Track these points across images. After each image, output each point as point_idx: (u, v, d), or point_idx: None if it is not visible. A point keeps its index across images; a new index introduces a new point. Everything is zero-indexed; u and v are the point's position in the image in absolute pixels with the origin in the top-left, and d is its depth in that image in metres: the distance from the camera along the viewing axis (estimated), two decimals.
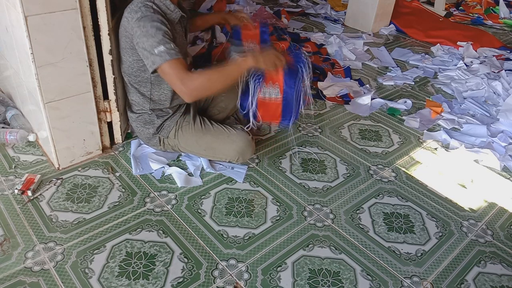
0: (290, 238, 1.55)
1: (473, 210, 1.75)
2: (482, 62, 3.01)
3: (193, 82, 1.47)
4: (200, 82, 1.48)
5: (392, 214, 1.69)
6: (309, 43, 3.06)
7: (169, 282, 1.35)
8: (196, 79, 1.48)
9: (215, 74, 1.51)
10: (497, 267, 1.50)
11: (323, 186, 1.81)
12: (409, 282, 1.41)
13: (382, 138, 2.17)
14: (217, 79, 1.51)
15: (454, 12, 4.15)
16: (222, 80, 1.52)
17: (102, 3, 1.55)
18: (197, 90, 1.49)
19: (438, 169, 1.97)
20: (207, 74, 1.50)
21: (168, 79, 1.52)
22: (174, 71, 1.46)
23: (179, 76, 1.46)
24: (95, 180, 1.73)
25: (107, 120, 1.84)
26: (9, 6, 1.49)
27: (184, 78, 1.46)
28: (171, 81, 1.51)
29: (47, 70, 1.53)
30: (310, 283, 1.38)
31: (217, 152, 1.78)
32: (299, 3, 4.17)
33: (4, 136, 1.83)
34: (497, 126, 2.28)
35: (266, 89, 1.56)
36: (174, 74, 1.47)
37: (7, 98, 2.07)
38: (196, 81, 1.48)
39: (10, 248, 1.41)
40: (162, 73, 1.51)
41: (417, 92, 2.66)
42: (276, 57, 1.54)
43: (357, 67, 2.92)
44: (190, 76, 1.47)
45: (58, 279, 1.32)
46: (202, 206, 1.65)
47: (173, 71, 1.46)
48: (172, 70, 1.47)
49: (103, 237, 1.48)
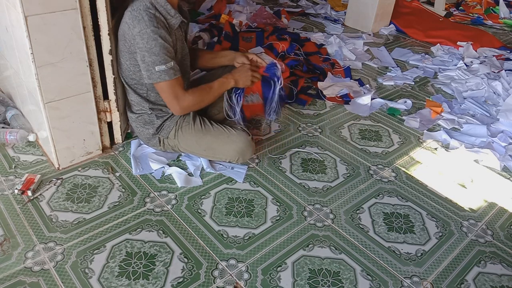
0: (290, 238, 1.55)
1: (473, 210, 1.75)
2: (482, 62, 3.01)
3: (185, 102, 1.64)
4: (191, 100, 1.65)
5: (392, 214, 1.69)
6: (309, 43, 3.06)
7: (169, 282, 1.35)
8: (188, 99, 1.64)
9: (204, 93, 1.69)
10: (497, 267, 1.50)
11: (323, 186, 1.81)
12: (409, 282, 1.42)
13: (382, 138, 2.17)
14: (205, 97, 1.70)
15: (454, 12, 4.15)
16: (209, 98, 1.72)
17: (102, 3, 1.55)
18: (188, 107, 1.67)
19: (438, 169, 1.97)
20: (197, 94, 1.67)
21: (163, 95, 1.64)
22: (170, 89, 1.60)
23: (174, 95, 1.61)
24: (95, 180, 1.73)
25: (107, 120, 1.84)
26: (9, 6, 1.49)
27: (179, 97, 1.62)
28: (166, 98, 1.64)
29: (47, 70, 1.53)
30: (310, 283, 1.38)
31: (217, 153, 1.78)
32: (299, 3, 4.17)
33: (4, 136, 1.83)
34: (497, 126, 2.28)
35: (248, 97, 1.82)
36: (170, 93, 1.61)
37: (7, 98, 2.07)
38: (189, 100, 1.65)
39: (10, 248, 1.41)
40: (158, 88, 1.62)
41: (417, 92, 2.66)
42: (252, 75, 1.77)
43: (357, 67, 2.92)
44: (184, 96, 1.63)
45: (58, 279, 1.32)
46: (202, 206, 1.65)
47: (170, 89, 1.60)
48: (168, 89, 1.60)
49: (103, 237, 1.48)
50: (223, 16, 3.38)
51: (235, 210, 1.65)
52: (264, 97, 1.81)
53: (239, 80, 1.75)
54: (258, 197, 1.72)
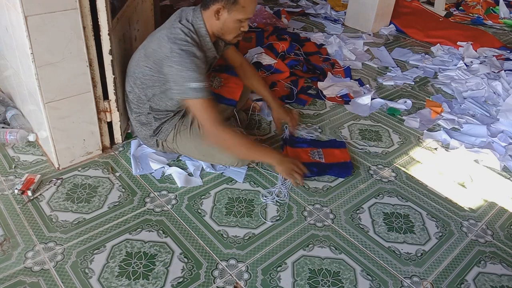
0: (290, 238, 1.55)
1: (473, 210, 1.75)
2: (482, 62, 3.01)
3: (223, 135, 1.58)
4: (229, 138, 1.59)
5: (392, 214, 1.69)
6: (309, 43, 3.06)
7: (169, 282, 1.35)
8: (228, 134, 1.59)
9: (244, 145, 1.63)
10: (497, 267, 1.50)
11: (323, 186, 1.81)
12: (409, 282, 1.42)
13: (382, 138, 2.17)
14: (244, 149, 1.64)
15: (454, 12, 4.15)
16: (244, 153, 1.67)
17: (102, 3, 1.55)
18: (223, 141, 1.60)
19: (438, 169, 1.97)
20: (239, 138, 1.62)
21: (197, 115, 1.59)
22: (206, 110, 1.55)
23: (210, 118, 1.55)
24: (95, 180, 1.73)
25: (107, 120, 1.84)
26: (9, 6, 1.49)
27: (217, 124, 1.56)
28: (201, 118, 1.59)
29: (47, 70, 1.53)
30: (310, 283, 1.38)
31: (216, 158, 1.79)
32: (299, 3, 4.17)
33: (4, 136, 1.83)
34: (497, 126, 2.28)
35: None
36: (206, 114, 1.55)
37: (7, 98, 2.07)
38: (227, 135, 1.59)
39: (10, 248, 1.41)
40: (191, 106, 1.57)
41: (417, 92, 2.66)
42: (296, 172, 1.66)
43: (357, 67, 2.92)
44: (224, 129, 1.58)
45: (58, 279, 1.32)
46: (202, 206, 1.65)
47: (205, 110, 1.55)
48: (204, 109, 1.55)
49: (103, 237, 1.48)
50: None
51: (235, 210, 1.65)
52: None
53: (283, 169, 1.66)
54: (258, 197, 1.72)
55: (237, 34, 1.63)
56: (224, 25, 1.59)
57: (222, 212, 1.63)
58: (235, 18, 1.56)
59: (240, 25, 1.59)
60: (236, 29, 1.60)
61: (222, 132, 1.58)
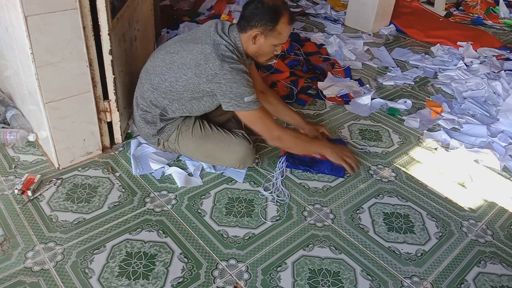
0: (290, 238, 1.55)
1: (473, 210, 1.75)
2: (482, 62, 3.01)
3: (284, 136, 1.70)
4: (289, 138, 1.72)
5: (392, 214, 1.69)
6: (309, 43, 3.06)
7: (169, 282, 1.35)
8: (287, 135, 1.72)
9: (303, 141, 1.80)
10: (497, 267, 1.50)
11: (323, 186, 1.81)
12: (409, 282, 1.42)
13: (382, 138, 2.17)
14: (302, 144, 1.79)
15: (454, 12, 4.15)
16: (303, 148, 1.82)
17: (102, 3, 1.55)
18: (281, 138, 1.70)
19: (438, 169, 1.97)
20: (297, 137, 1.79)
21: (256, 125, 1.68)
22: (264, 120, 1.66)
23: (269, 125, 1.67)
24: (95, 180, 1.73)
25: (107, 120, 1.84)
26: (9, 6, 1.49)
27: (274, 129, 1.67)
28: (260, 128, 1.68)
29: (47, 70, 1.53)
30: (310, 283, 1.38)
31: (217, 160, 1.79)
32: (299, 3, 4.17)
33: (4, 136, 1.83)
34: (497, 126, 2.28)
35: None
36: (264, 123, 1.66)
37: (7, 98, 2.07)
38: (287, 136, 1.72)
39: (10, 248, 1.41)
40: (247, 118, 1.66)
41: (417, 92, 2.66)
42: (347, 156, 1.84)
43: (357, 67, 2.92)
44: (282, 129, 1.71)
45: (58, 279, 1.32)
46: (202, 206, 1.65)
47: (263, 120, 1.65)
48: (262, 119, 1.65)
49: (103, 237, 1.48)
50: (223, 16, 3.38)
51: (235, 210, 1.65)
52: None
53: (336, 156, 1.81)
54: (258, 197, 1.72)
55: (270, 57, 1.71)
56: (260, 49, 1.65)
57: (222, 212, 1.63)
58: (271, 43, 1.63)
59: (275, 49, 1.66)
60: (270, 53, 1.68)
61: (283, 134, 1.70)
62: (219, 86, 1.57)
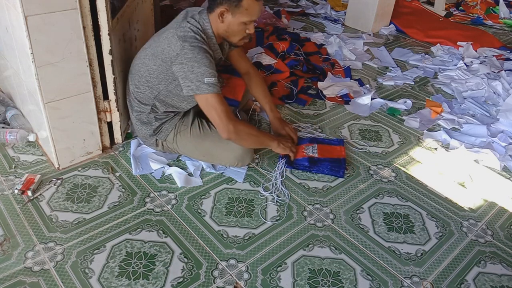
0: (290, 238, 1.55)
1: (473, 210, 1.75)
2: (482, 62, 3.01)
3: (238, 126, 1.62)
4: (242, 130, 1.65)
5: (392, 214, 1.69)
6: (309, 43, 3.06)
7: (169, 282, 1.35)
8: (241, 125, 1.65)
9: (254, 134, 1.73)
10: (497, 267, 1.50)
11: (323, 186, 1.81)
12: (409, 282, 1.42)
13: (382, 138, 2.17)
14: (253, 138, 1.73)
15: (454, 12, 4.15)
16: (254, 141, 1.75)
17: (102, 3, 1.55)
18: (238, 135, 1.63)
19: (438, 169, 1.97)
20: (249, 129, 1.71)
21: (210, 110, 1.58)
22: (220, 106, 1.57)
23: (224, 113, 1.57)
24: (95, 180, 1.73)
25: (107, 120, 1.84)
26: (9, 6, 1.49)
27: (230, 118, 1.59)
28: (214, 113, 1.58)
29: (47, 70, 1.53)
30: (310, 283, 1.38)
31: (216, 158, 1.79)
32: (299, 3, 4.17)
33: (4, 136, 1.83)
34: (497, 126, 2.28)
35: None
36: (219, 109, 1.57)
37: (7, 98, 2.07)
38: (241, 127, 1.64)
39: (10, 248, 1.41)
40: (203, 102, 1.57)
41: (417, 92, 2.66)
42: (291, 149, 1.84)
43: (357, 67, 2.92)
44: (236, 120, 1.63)
45: (58, 279, 1.32)
46: (202, 206, 1.65)
47: (219, 105, 1.57)
48: (218, 104, 1.56)
49: (103, 237, 1.48)
50: None
51: (235, 210, 1.65)
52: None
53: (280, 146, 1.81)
54: (258, 197, 1.72)
55: (242, 37, 1.65)
56: (229, 28, 1.60)
57: (222, 212, 1.63)
58: (239, 21, 1.58)
59: (245, 27, 1.61)
60: (241, 31, 1.62)
61: (236, 124, 1.61)
62: (182, 67, 1.53)
